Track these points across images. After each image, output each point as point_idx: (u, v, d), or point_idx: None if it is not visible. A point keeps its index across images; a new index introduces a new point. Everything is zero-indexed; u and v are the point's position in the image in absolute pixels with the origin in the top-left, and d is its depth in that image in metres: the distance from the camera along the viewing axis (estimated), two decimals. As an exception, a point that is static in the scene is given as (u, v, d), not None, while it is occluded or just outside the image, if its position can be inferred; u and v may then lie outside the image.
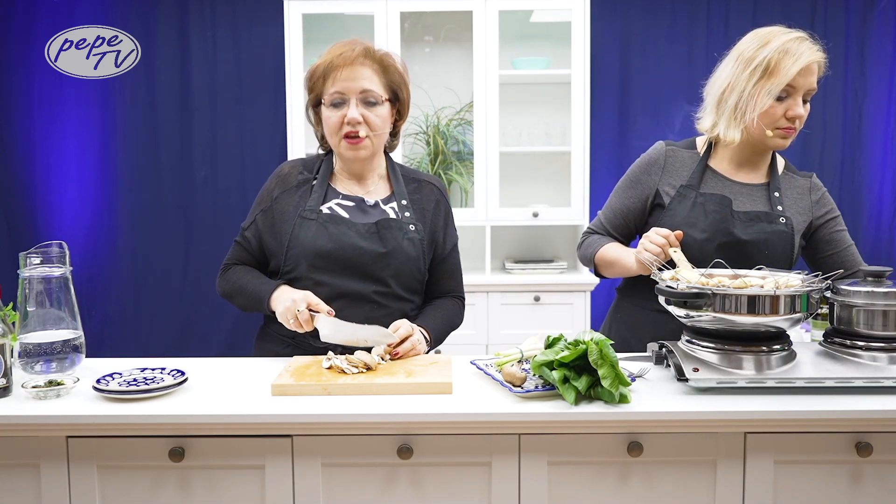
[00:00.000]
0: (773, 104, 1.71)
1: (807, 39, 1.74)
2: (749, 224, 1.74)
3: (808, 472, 1.34)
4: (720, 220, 1.74)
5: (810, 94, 1.73)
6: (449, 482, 1.34)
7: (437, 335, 1.75)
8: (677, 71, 3.62)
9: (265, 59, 3.63)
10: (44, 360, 1.48)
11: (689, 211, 1.76)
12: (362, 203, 1.77)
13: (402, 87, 1.75)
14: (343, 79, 1.68)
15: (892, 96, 3.60)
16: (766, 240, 1.72)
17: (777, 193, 1.79)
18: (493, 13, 3.40)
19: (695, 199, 1.77)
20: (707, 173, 1.82)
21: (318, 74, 1.72)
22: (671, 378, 1.47)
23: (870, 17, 3.56)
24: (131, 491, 1.35)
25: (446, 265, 1.83)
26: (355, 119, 1.68)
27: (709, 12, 3.59)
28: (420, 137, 3.71)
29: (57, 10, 3.62)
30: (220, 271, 1.82)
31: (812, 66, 1.71)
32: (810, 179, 1.86)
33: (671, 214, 1.78)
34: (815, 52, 1.72)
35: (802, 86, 1.71)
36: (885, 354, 1.41)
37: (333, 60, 1.69)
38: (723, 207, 1.75)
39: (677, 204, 1.78)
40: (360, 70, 1.69)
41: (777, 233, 1.74)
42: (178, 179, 3.73)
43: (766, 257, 1.71)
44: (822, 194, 1.85)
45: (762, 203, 1.78)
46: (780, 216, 1.75)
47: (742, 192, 1.79)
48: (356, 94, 1.68)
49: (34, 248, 1.51)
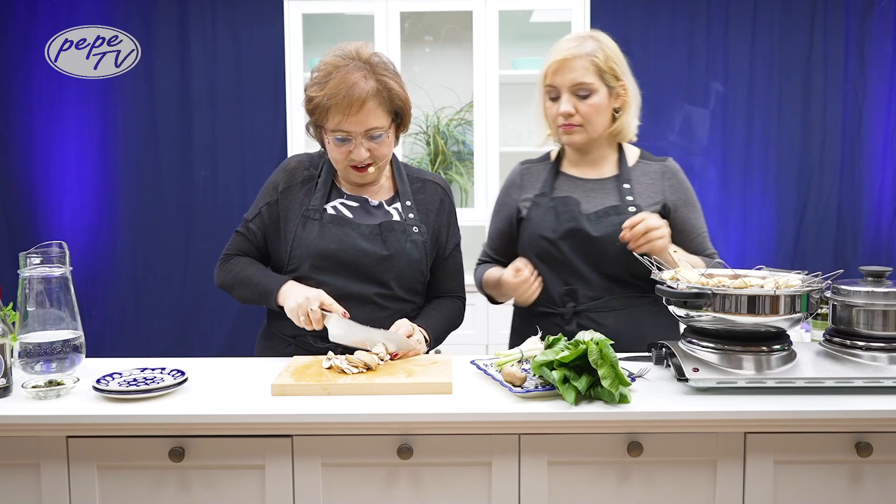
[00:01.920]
0: (549, 105, 1.80)
1: (575, 39, 1.77)
2: (598, 220, 1.76)
3: (808, 472, 1.34)
4: (570, 220, 1.77)
5: (581, 90, 1.74)
6: (449, 482, 1.34)
7: (437, 335, 1.75)
8: (677, 71, 3.62)
9: (265, 60, 3.63)
10: (44, 360, 1.48)
11: (542, 216, 1.81)
12: (366, 203, 1.76)
13: (404, 108, 1.70)
14: (346, 122, 1.62)
15: (892, 96, 3.60)
16: (616, 231, 1.72)
17: (627, 185, 1.81)
18: (493, 13, 3.40)
19: (547, 204, 1.81)
20: (559, 178, 1.87)
21: (317, 107, 1.64)
22: (671, 378, 1.47)
23: (870, 17, 3.55)
24: (131, 491, 1.35)
25: (448, 265, 1.83)
26: (363, 159, 1.66)
27: (709, 12, 3.59)
28: (420, 137, 3.71)
29: (57, 10, 3.62)
30: (219, 261, 1.80)
31: (569, 62, 1.73)
32: (664, 163, 1.87)
33: (528, 223, 1.83)
34: (574, 48, 1.74)
35: (562, 84, 1.75)
36: (885, 354, 1.41)
37: (335, 103, 1.61)
38: (572, 207, 1.78)
39: (533, 212, 1.83)
40: (363, 110, 1.61)
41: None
42: (178, 179, 3.73)
43: (619, 248, 1.72)
44: (679, 180, 1.85)
45: (613, 197, 1.80)
46: (629, 206, 1.77)
47: (594, 189, 1.82)
48: (361, 133, 1.65)
49: (34, 248, 1.51)
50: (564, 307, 1.78)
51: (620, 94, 1.79)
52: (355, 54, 1.66)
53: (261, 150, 3.69)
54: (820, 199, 3.66)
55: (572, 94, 1.75)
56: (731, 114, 3.63)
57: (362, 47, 1.69)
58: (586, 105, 1.75)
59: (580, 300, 1.77)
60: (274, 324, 1.78)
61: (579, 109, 1.75)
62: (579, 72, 1.73)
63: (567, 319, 1.77)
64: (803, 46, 3.56)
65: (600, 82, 1.75)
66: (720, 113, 3.63)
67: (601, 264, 1.76)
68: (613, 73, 1.76)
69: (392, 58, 1.78)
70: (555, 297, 1.79)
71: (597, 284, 1.76)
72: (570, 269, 1.78)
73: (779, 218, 3.68)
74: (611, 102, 1.78)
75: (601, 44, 1.77)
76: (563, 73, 1.74)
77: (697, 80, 3.63)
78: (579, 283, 1.77)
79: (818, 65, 3.57)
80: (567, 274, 1.78)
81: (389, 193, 1.80)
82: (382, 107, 1.65)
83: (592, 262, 1.76)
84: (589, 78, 1.74)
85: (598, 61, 1.74)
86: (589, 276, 1.77)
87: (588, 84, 1.74)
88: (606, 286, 1.76)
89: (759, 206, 3.68)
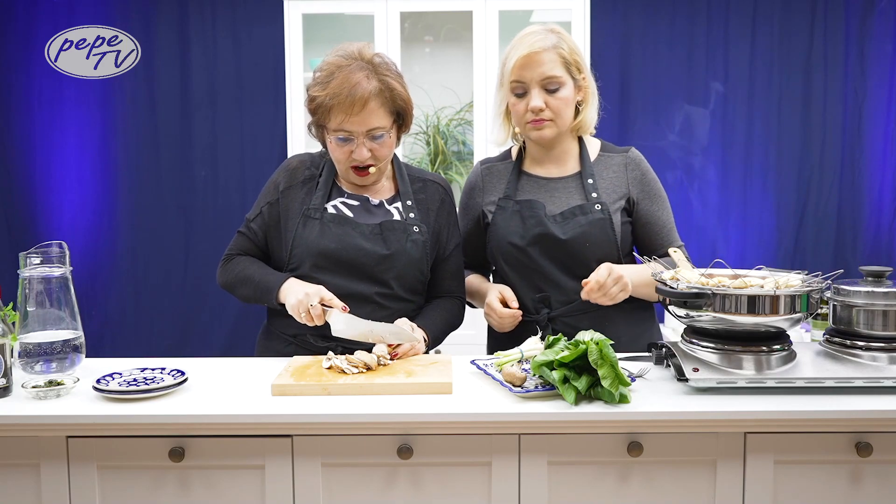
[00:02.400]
0: (515, 101, 1.76)
1: (538, 32, 1.74)
2: (565, 222, 1.74)
3: (808, 472, 1.34)
4: (536, 224, 1.75)
5: (551, 83, 1.72)
6: (449, 482, 1.34)
7: (436, 336, 1.75)
8: (677, 71, 3.62)
9: (265, 60, 3.62)
10: (44, 360, 1.48)
11: (508, 220, 1.79)
12: (367, 202, 1.76)
13: (406, 108, 1.71)
14: (348, 122, 1.63)
15: (892, 96, 3.60)
16: (584, 232, 1.73)
17: (591, 180, 1.79)
18: (493, 13, 3.40)
19: (512, 208, 1.79)
20: (522, 179, 1.84)
21: (319, 107, 1.65)
22: (671, 378, 1.47)
23: (869, 17, 3.55)
24: (131, 491, 1.35)
25: (448, 265, 1.83)
26: (364, 159, 1.66)
27: (709, 12, 3.59)
28: (420, 137, 3.71)
29: (57, 10, 3.61)
30: (221, 261, 1.80)
31: (537, 55, 1.71)
32: (626, 154, 1.84)
33: (495, 227, 1.81)
34: (540, 42, 1.71)
35: (531, 78, 1.72)
36: (885, 354, 1.41)
37: (337, 103, 1.62)
38: (537, 210, 1.76)
39: (499, 217, 1.81)
40: (365, 109, 1.62)
41: (593, 222, 1.74)
42: (178, 179, 3.72)
43: (588, 249, 1.73)
44: (642, 171, 1.82)
45: (577, 196, 1.78)
46: (595, 203, 1.75)
47: (558, 188, 1.80)
48: (363, 133, 1.65)
49: (34, 248, 1.51)
50: (538, 314, 1.76)
51: (583, 87, 1.78)
52: (358, 55, 1.67)
53: (261, 150, 3.69)
54: (820, 199, 3.66)
55: (542, 89, 1.73)
56: (731, 114, 3.63)
57: (365, 48, 1.69)
58: (556, 99, 1.73)
59: (554, 306, 1.76)
60: (274, 323, 1.79)
61: (549, 104, 1.73)
62: (548, 65, 1.71)
63: (543, 326, 1.76)
64: (803, 46, 3.56)
65: (567, 75, 1.74)
66: (720, 113, 3.63)
67: (572, 267, 1.74)
68: (577, 65, 1.75)
69: (392, 58, 1.77)
70: (528, 305, 1.78)
71: (569, 288, 1.75)
72: (541, 275, 1.76)
73: (779, 218, 3.68)
74: (576, 95, 1.77)
75: (561, 36, 1.76)
76: (531, 68, 1.71)
77: (697, 80, 3.63)
78: (551, 289, 1.76)
79: (818, 65, 3.57)
80: (539, 280, 1.77)
81: (390, 193, 1.80)
82: (384, 107, 1.65)
83: (563, 266, 1.75)
84: (558, 71, 1.72)
85: (563, 53, 1.73)
86: (561, 281, 1.75)
87: (557, 77, 1.72)
88: (577, 288, 1.72)
89: (759, 206, 3.68)
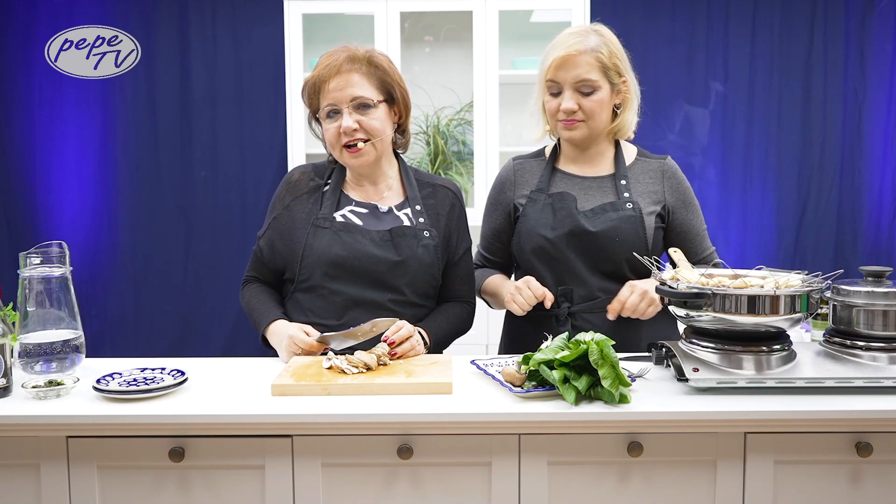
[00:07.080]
0: (549, 99, 1.77)
1: (578, 33, 1.74)
2: (595, 217, 1.75)
3: (808, 472, 1.34)
4: (567, 216, 1.76)
5: (585, 86, 1.72)
6: (449, 482, 1.34)
7: (438, 339, 1.74)
8: (677, 71, 3.62)
9: (265, 60, 3.62)
10: (44, 360, 1.48)
11: (539, 212, 1.79)
12: (376, 210, 1.76)
13: (394, 84, 1.73)
14: (332, 89, 1.67)
15: (892, 96, 3.60)
16: (615, 227, 1.73)
17: (623, 181, 1.79)
18: (493, 13, 3.40)
19: (544, 201, 1.79)
20: (555, 175, 1.84)
21: (310, 89, 1.72)
22: (671, 378, 1.47)
23: (869, 17, 3.55)
24: (131, 491, 1.35)
25: (458, 269, 1.82)
26: (350, 128, 1.67)
27: (709, 12, 3.59)
28: (420, 137, 3.71)
29: (57, 10, 3.61)
30: (241, 284, 1.86)
31: (573, 58, 1.71)
32: (663, 161, 1.85)
33: (525, 219, 1.81)
34: (578, 44, 1.71)
35: (564, 79, 1.73)
36: (885, 354, 1.41)
37: (321, 73, 1.69)
38: (569, 203, 1.77)
39: (529, 208, 1.81)
40: (348, 77, 1.67)
41: (625, 218, 1.75)
42: (178, 179, 3.72)
43: (617, 244, 1.73)
44: (678, 180, 1.84)
45: (610, 194, 1.79)
46: (626, 202, 1.76)
47: (591, 187, 1.81)
48: (347, 102, 1.67)
49: (34, 248, 1.51)
50: (559, 308, 1.76)
51: (622, 91, 1.78)
52: (344, 47, 1.73)
53: (261, 150, 3.69)
54: (820, 199, 3.66)
55: (575, 91, 1.73)
56: (731, 114, 3.63)
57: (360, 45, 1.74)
58: (589, 101, 1.73)
59: (575, 301, 1.76)
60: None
61: (582, 106, 1.73)
62: (583, 68, 1.71)
63: (561, 321, 1.76)
64: (803, 46, 3.56)
65: (604, 79, 1.73)
66: (720, 113, 3.63)
67: (599, 262, 1.75)
68: (616, 69, 1.75)
69: (392, 58, 1.79)
70: None
71: (593, 284, 1.76)
72: (566, 268, 1.76)
73: (779, 218, 3.68)
74: (612, 99, 1.77)
75: (604, 39, 1.74)
76: (566, 70, 1.71)
77: (697, 80, 3.63)
78: (575, 283, 1.76)
79: (818, 65, 3.57)
80: (563, 273, 1.77)
81: (398, 199, 1.80)
82: (369, 80, 1.69)
83: (590, 261, 1.75)
84: (593, 75, 1.71)
85: (602, 57, 1.72)
86: (585, 276, 1.76)
87: (592, 81, 1.72)
88: (602, 286, 1.75)
89: (759, 206, 3.68)
